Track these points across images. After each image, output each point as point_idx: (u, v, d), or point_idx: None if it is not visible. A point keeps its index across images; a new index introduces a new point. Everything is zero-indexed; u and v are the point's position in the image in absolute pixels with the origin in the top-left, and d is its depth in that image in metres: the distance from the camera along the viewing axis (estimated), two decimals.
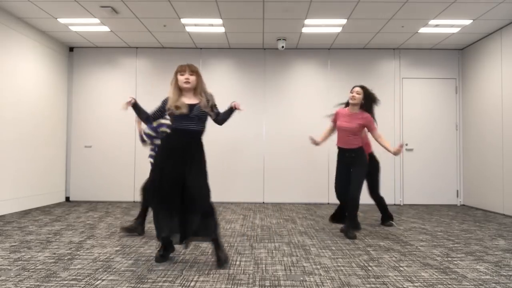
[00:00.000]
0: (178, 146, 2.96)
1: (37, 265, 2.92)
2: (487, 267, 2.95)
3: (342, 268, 2.91)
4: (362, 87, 4.07)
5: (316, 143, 4.24)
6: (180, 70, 3.01)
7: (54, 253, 3.25)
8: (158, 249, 3.05)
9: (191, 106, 2.97)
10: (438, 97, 6.87)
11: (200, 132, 3.07)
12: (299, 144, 6.83)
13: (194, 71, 3.03)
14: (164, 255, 3.05)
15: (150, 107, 7.65)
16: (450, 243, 3.76)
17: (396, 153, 3.85)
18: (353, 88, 4.10)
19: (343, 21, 5.61)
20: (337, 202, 6.22)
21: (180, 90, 3.02)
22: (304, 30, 5.97)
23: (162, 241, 3.04)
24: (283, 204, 6.63)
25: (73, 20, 5.64)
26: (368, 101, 4.08)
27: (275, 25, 5.78)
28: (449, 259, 3.18)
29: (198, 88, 3.05)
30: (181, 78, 3.00)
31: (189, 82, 2.99)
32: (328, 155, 6.84)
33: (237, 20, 5.57)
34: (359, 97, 4.03)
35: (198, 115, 2.99)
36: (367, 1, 4.92)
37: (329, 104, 6.89)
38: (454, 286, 2.53)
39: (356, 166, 4.02)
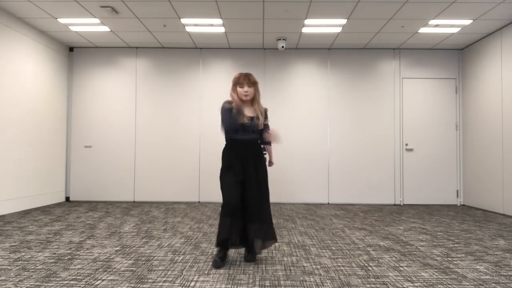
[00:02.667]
0: (237, 156, 3.05)
1: (37, 265, 2.92)
2: (487, 267, 2.95)
3: (342, 268, 2.91)
4: None
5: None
6: (239, 82, 3.07)
7: (54, 253, 3.25)
8: (216, 253, 3.01)
9: (251, 119, 3.06)
10: (438, 97, 6.87)
11: (255, 140, 3.13)
12: (299, 144, 6.84)
13: (253, 83, 3.08)
14: (222, 258, 2.97)
15: (150, 107, 7.62)
16: (450, 243, 3.76)
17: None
18: None
19: (343, 21, 5.61)
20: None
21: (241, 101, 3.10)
22: (304, 30, 5.97)
23: (221, 244, 3.00)
24: (283, 204, 6.63)
25: (73, 20, 5.64)
26: None
27: (275, 25, 5.78)
28: (449, 259, 3.18)
29: (255, 99, 3.13)
30: (240, 91, 3.06)
31: (248, 95, 3.06)
32: (328, 155, 6.85)
33: (237, 20, 5.57)
34: None
35: (253, 128, 3.06)
36: (367, 1, 4.92)
37: (329, 104, 6.90)
38: (454, 286, 2.53)
39: None
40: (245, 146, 3.07)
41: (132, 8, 5.16)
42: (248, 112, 3.08)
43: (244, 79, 3.06)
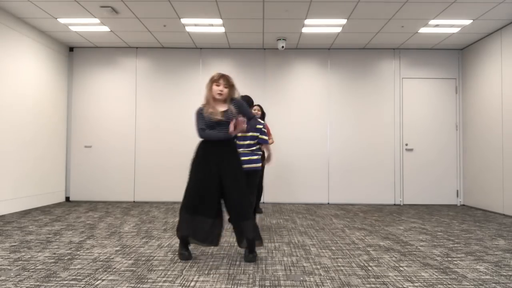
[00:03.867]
0: (212, 152, 3.07)
1: (37, 265, 2.92)
2: (487, 267, 2.95)
3: (342, 268, 2.91)
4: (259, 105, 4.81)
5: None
6: (216, 80, 3.10)
7: (54, 253, 3.25)
8: (179, 247, 3.13)
9: (224, 112, 3.08)
10: (438, 97, 6.87)
11: (231, 137, 3.15)
12: (299, 144, 6.84)
13: (230, 85, 3.12)
14: (187, 251, 3.11)
15: (150, 107, 7.60)
16: (450, 243, 3.76)
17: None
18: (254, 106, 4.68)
19: (343, 21, 5.61)
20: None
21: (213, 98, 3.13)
22: (304, 30, 5.97)
23: (180, 239, 3.13)
24: (283, 204, 6.63)
25: (73, 20, 5.63)
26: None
27: (275, 25, 5.78)
28: (449, 259, 3.18)
29: (227, 99, 3.15)
30: (216, 89, 3.09)
31: (221, 95, 3.09)
32: (328, 155, 6.84)
33: (237, 20, 5.57)
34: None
35: (228, 121, 3.06)
36: (367, 1, 4.92)
37: (329, 104, 6.90)
38: (454, 286, 2.53)
39: None
40: (220, 142, 3.09)
41: (132, 8, 5.16)
42: (220, 107, 3.10)
43: (221, 78, 3.09)
